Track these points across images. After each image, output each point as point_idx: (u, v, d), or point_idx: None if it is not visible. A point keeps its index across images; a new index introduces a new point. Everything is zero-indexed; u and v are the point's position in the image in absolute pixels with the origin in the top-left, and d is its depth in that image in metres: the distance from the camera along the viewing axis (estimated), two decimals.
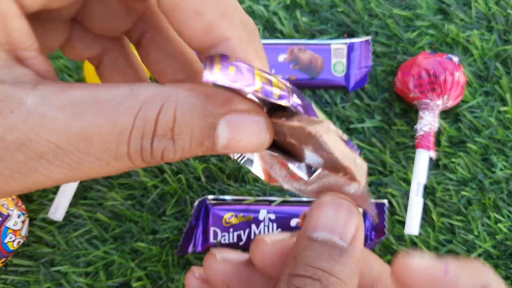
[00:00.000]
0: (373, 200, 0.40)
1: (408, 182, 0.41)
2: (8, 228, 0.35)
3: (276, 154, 0.22)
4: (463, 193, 0.41)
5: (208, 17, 0.20)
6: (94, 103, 0.19)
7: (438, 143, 0.42)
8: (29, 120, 0.18)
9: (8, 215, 0.35)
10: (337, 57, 0.43)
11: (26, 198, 0.40)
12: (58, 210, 0.39)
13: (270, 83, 0.21)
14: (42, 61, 0.21)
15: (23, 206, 0.37)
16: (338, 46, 0.43)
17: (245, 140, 0.20)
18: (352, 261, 0.20)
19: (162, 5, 0.20)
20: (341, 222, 0.20)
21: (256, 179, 0.41)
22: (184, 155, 0.20)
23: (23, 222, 0.36)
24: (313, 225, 0.20)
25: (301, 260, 0.20)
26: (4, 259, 0.35)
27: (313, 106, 0.22)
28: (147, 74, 0.27)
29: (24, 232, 0.37)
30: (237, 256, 0.25)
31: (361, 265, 0.21)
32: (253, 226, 0.39)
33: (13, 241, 0.35)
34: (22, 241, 0.36)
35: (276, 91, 0.20)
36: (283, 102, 0.20)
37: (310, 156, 0.21)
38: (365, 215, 0.40)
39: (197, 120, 0.19)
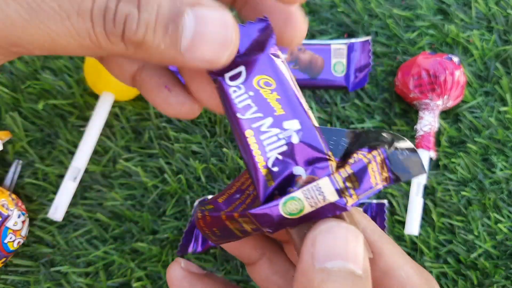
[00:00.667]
0: (373, 201, 0.40)
1: (408, 182, 0.41)
2: (8, 228, 0.35)
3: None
4: (463, 193, 0.41)
5: None
6: None
7: (438, 143, 0.42)
8: None
9: (8, 215, 0.35)
10: (337, 57, 0.43)
11: (26, 198, 0.40)
12: (57, 210, 0.39)
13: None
14: None
15: (23, 206, 0.37)
16: (338, 46, 0.43)
17: (210, 34, 0.19)
18: (369, 285, 0.19)
19: None
20: (351, 246, 0.19)
21: None
22: (147, 36, 0.19)
23: (23, 222, 0.36)
24: (323, 254, 0.18)
25: None
26: (4, 259, 0.35)
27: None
28: None
29: (24, 232, 0.37)
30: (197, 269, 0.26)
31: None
32: None
33: (13, 241, 0.35)
34: (22, 241, 0.36)
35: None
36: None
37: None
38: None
39: (165, 0, 0.19)
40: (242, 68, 0.21)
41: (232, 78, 0.22)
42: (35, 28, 0.18)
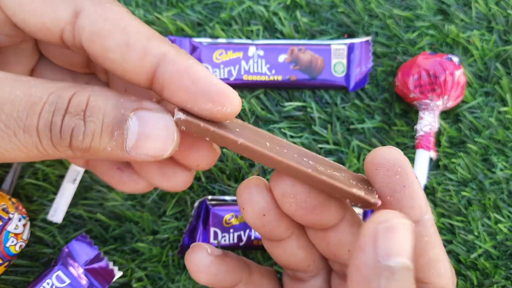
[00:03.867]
0: None
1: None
2: (10, 232, 0.35)
3: None
4: (463, 193, 0.41)
5: (137, 44, 0.21)
6: (16, 80, 0.20)
7: (438, 143, 0.42)
8: None
9: (9, 219, 0.35)
10: (337, 57, 0.43)
11: (26, 199, 0.40)
12: (57, 212, 0.39)
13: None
14: None
15: (24, 210, 0.37)
16: (338, 46, 0.43)
17: (153, 136, 0.21)
18: (414, 276, 0.20)
19: (93, 53, 0.21)
20: (408, 244, 0.20)
21: None
22: (93, 143, 0.20)
23: (24, 225, 0.36)
24: (386, 251, 0.19)
25: None
26: (7, 263, 0.35)
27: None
28: None
29: (25, 235, 0.37)
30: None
31: None
32: None
33: (15, 244, 0.36)
34: (24, 244, 0.36)
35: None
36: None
37: None
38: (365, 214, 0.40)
39: (109, 108, 0.20)
40: None
41: None
42: None
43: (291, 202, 0.23)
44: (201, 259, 0.26)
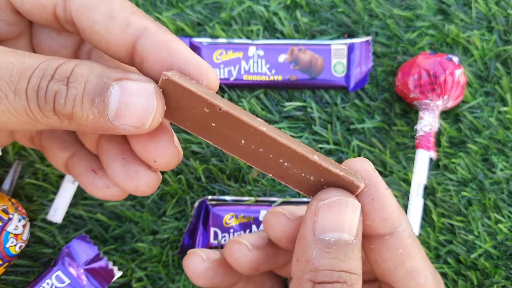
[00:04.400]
0: None
1: (408, 182, 0.41)
2: (10, 232, 0.35)
3: None
4: (464, 193, 0.41)
5: (120, 16, 0.22)
6: (12, 51, 0.21)
7: (438, 143, 0.42)
8: None
9: (9, 220, 0.35)
10: (337, 57, 0.43)
11: (26, 199, 0.40)
12: (56, 212, 0.39)
13: None
14: None
15: (24, 211, 0.37)
16: (338, 46, 0.43)
17: (133, 104, 0.21)
18: (359, 251, 0.22)
19: (81, 26, 0.23)
20: (349, 219, 0.21)
21: (257, 180, 0.41)
22: (75, 109, 0.21)
23: (24, 226, 0.36)
24: (322, 226, 0.21)
25: (321, 266, 0.21)
26: (6, 263, 0.35)
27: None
28: None
29: (25, 236, 0.37)
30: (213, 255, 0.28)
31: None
32: (254, 227, 0.39)
33: (15, 245, 0.36)
34: (23, 245, 0.36)
35: None
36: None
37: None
38: None
39: (93, 76, 0.21)
40: None
41: None
42: None
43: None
44: (197, 266, 0.27)
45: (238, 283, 0.28)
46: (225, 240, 0.39)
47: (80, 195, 0.40)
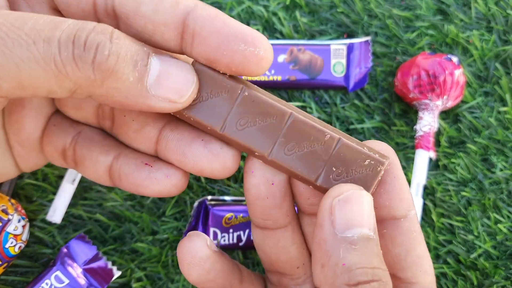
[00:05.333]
0: None
1: (408, 182, 0.41)
2: (9, 233, 0.35)
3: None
4: (463, 193, 0.41)
5: None
6: (41, 15, 0.20)
7: (437, 143, 0.42)
8: None
9: (9, 220, 0.35)
10: (337, 57, 0.43)
11: (26, 199, 0.40)
12: (56, 213, 0.39)
13: None
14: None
15: (23, 211, 0.37)
16: (338, 46, 0.43)
17: (174, 74, 0.20)
18: (379, 247, 0.20)
19: (125, 11, 0.22)
20: (367, 213, 0.20)
21: None
22: (117, 65, 0.19)
23: (23, 226, 0.36)
24: (342, 223, 0.20)
25: (353, 264, 0.19)
26: (5, 264, 0.35)
27: None
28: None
29: (25, 236, 0.37)
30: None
31: None
32: None
33: (14, 246, 0.36)
34: (23, 245, 0.36)
35: None
36: None
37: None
38: None
39: (134, 43, 0.20)
40: None
41: None
42: (0, 55, 0.19)
43: None
44: (199, 250, 0.24)
45: None
46: (224, 240, 0.39)
47: (79, 195, 0.40)
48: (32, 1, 0.23)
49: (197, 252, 0.24)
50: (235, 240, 0.39)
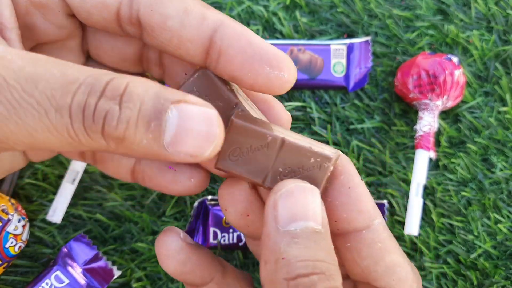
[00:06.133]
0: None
1: (408, 182, 0.41)
2: (9, 233, 0.35)
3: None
4: (463, 193, 0.41)
5: (196, 10, 0.21)
6: (54, 61, 0.19)
7: (437, 143, 0.42)
8: None
9: (9, 220, 0.35)
10: (337, 57, 0.43)
11: (26, 199, 0.40)
12: (56, 212, 0.39)
13: None
14: (19, 46, 0.22)
15: (23, 211, 0.37)
16: (338, 46, 0.43)
17: (194, 130, 0.19)
18: (330, 242, 0.20)
19: (150, 23, 0.21)
20: (311, 205, 0.20)
21: None
22: (127, 132, 0.18)
23: (23, 226, 0.36)
24: (284, 217, 0.19)
25: (293, 257, 0.19)
26: (6, 264, 0.35)
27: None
28: None
29: (25, 236, 0.37)
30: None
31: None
32: None
33: (14, 245, 0.36)
34: (23, 245, 0.36)
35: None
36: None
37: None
38: None
39: (149, 96, 0.19)
40: None
41: None
42: (13, 124, 0.18)
43: None
44: (172, 243, 0.24)
45: (209, 283, 0.26)
46: (224, 240, 0.39)
47: (79, 195, 0.40)
48: (47, 12, 0.23)
49: (171, 244, 0.24)
50: (235, 240, 0.39)
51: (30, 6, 0.22)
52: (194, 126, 0.19)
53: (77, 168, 0.40)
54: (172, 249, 0.24)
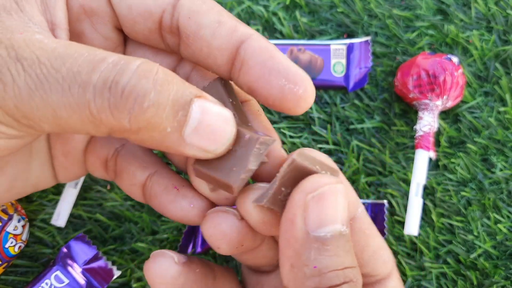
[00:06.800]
0: (372, 201, 0.40)
1: (407, 182, 0.41)
2: (9, 233, 0.35)
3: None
4: (463, 193, 0.41)
5: (228, 23, 0.22)
6: (85, 45, 0.19)
7: (437, 143, 0.42)
8: (29, 39, 0.19)
9: (8, 220, 0.35)
10: (337, 57, 0.43)
11: (26, 199, 0.40)
12: (60, 217, 0.39)
13: None
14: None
15: (23, 211, 0.37)
16: (338, 46, 0.43)
17: (214, 125, 0.20)
18: (350, 237, 0.20)
19: (186, 30, 0.22)
20: (341, 208, 0.19)
21: (256, 180, 0.41)
22: (156, 116, 0.18)
23: (23, 226, 0.36)
24: (316, 221, 0.19)
25: (325, 268, 0.18)
26: (5, 264, 0.35)
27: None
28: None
29: (24, 236, 0.37)
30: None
31: None
32: None
33: (14, 245, 0.36)
34: (23, 245, 0.36)
35: None
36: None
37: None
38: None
39: (177, 85, 0.19)
40: None
41: None
42: (38, 99, 0.18)
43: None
44: (168, 269, 0.23)
45: None
46: None
47: (79, 196, 0.40)
48: (96, 20, 0.23)
49: (167, 272, 0.23)
50: None
51: (82, 13, 0.23)
52: (214, 123, 0.20)
53: None
54: (170, 276, 0.23)
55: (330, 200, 0.19)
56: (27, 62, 0.18)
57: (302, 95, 0.21)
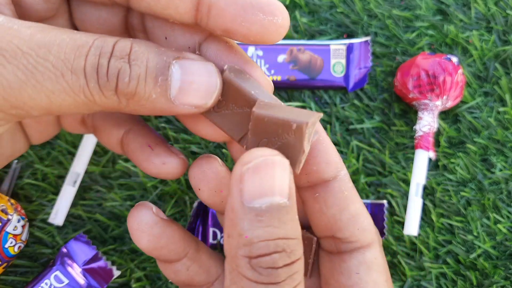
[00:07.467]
0: (372, 201, 0.40)
1: (407, 182, 0.41)
2: (9, 233, 0.35)
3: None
4: (463, 193, 0.41)
5: None
6: (60, 29, 0.20)
7: (437, 143, 0.42)
8: None
9: (8, 220, 0.35)
10: (337, 57, 0.43)
11: (25, 199, 0.40)
12: (58, 215, 0.39)
13: None
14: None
15: (23, 211, 0.37)
16: (338, 46, 0.43)
17: (197, 82, 0.21)
18: (295, 212, 0.20)
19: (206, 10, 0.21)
20: (279, 180, 0.19)
21: None
22: (138, 88, 0.20)
23: (23, 226, 0.36)
24: (250, 193, 0.19)
25: (255, 237, 0.19)
26: (5, 264, 0.35)
27: None
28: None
29: (24, 236, 0.37)
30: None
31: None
32: None
33: (14, 246, 0.36)
34: (22, 245, 0.36)
35: None
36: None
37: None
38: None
39: (152, 54, 0.20)
40: None
41: None
42: (31, 88, 0.19)
43: None
44: (145, 217, 0.24)
45: (183, 259, 0.26)
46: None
47: (79, 195, 0.40)
48: None
49: (144, 219, 0.24)
50: None
51: None
52: (196, 78, 0.21)
53: (78, 170, 0.40)
54: (145, 223, 0.24)
55: (266, 172, 0.19)
56: (9, 53, 0.19)
57: (282, 23, 0.21)
